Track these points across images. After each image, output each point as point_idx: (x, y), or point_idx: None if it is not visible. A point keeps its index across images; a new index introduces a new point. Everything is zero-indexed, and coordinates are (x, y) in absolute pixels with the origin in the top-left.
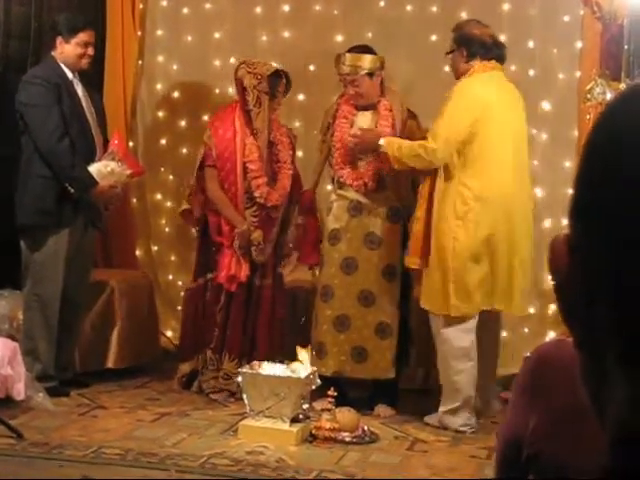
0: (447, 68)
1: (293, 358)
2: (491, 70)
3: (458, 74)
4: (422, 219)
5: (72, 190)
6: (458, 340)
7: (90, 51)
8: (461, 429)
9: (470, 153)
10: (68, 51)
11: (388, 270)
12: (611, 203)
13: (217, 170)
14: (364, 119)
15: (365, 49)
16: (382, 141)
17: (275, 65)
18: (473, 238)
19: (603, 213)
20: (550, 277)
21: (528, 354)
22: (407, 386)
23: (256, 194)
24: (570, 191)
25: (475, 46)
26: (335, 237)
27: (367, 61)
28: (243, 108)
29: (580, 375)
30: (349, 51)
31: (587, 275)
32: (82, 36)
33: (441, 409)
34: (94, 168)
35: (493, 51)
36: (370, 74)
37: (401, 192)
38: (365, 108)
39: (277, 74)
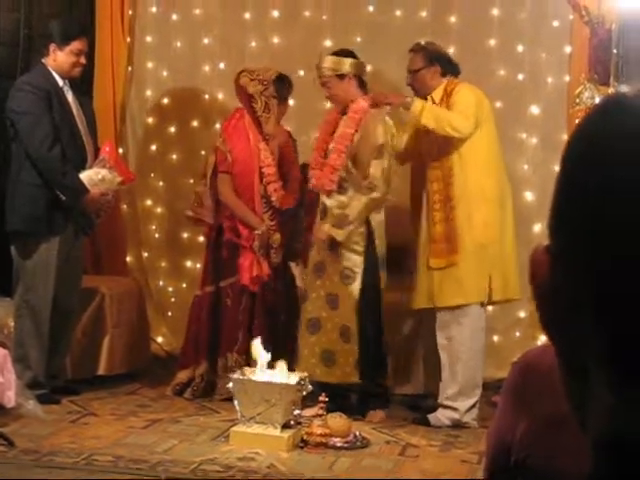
0: None
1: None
2: (468, 84)
3: (428, 90)
4: (442, 222)
5: (63, 198)
6: (481, 335)
7: (83, 60)
8: (473, 422)
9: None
10: (61, 59)
11: (345, 273)
12: (591, 214)
13: (232, 176)
14: (342, 123)
15: (346, 53)
16: (410, 99)
17: (276, 70)
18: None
19: (583, 224)
20: (531, 287)
21: (515, 360)
22: (398, 391)
23: (273, 198)
24: None
25: (446, 64)
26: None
27: (335, 63)
28: (251, 115)
29: (561, 382)
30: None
31: (568, 285)
32: (76, 44)
33: (459, 406)
34: (85, 175)
35: (457, 68)
36: (340, 76)
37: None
38: (344, 112)
39: (280, 78)
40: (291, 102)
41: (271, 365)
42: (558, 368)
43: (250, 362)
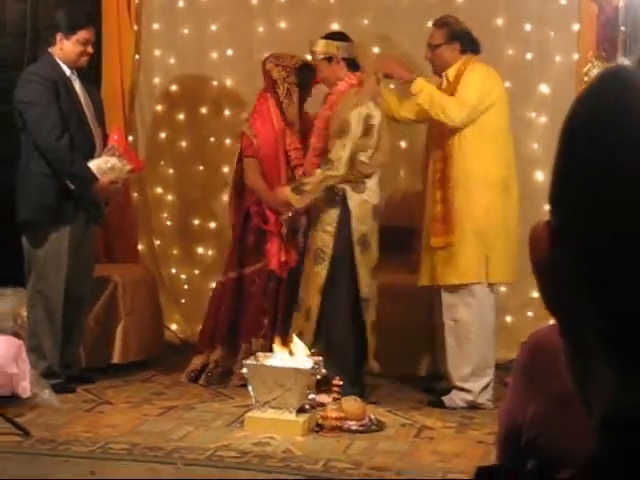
0: None
1: None
2: (483, 64)
3: (446, 66)
4: (441, 202)
5: (72, 187)
6: (491, 315)
7: (90, 49)
8: (488, 403)
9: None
10: (68, 48)
11: (317, 253)
12: (591, 190)
13: (258, 160)
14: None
15: (338, 36)
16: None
17: (303, 57)
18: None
19: (583, 199)
20: (531, 263)
21: (524, 340)
22: (412, 373)
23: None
24: None
25: (467, 42)
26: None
27: (320, 45)
28: (275, 99)
29: (565, 361)
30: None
31: (569, 262)
32: (83, 34)
33: (472, 387)
34: (94, 164)
35: (478, 46)
36: (328, 59)
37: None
38: None
39: (305, 66)
40: None
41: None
42: (562, 346)
43: (273, 347)
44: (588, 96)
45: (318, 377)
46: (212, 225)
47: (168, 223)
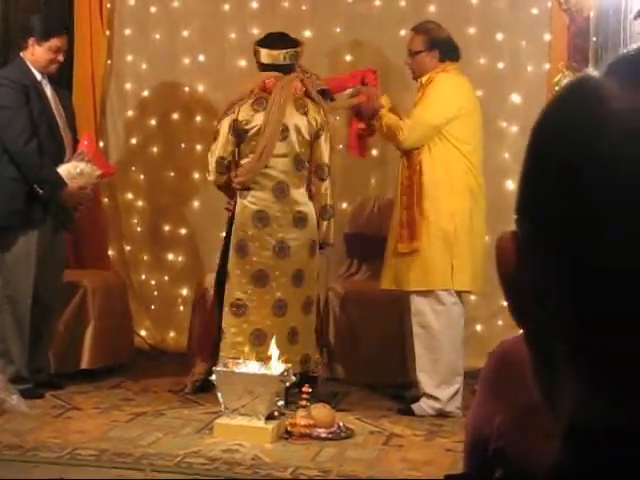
0: None
1: None
2: (458, 71)
3: (423, 74)
4: (408, 207)
5: (41, 191)
6: (460, 323)
7: (60, 57)
8: (457, 411)
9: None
10: (39, 54)
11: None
12: (556, 203)
13: None
14: None
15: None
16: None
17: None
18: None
19: (550, 211)
20: (498, 275)
21: (491, 350)
22: (382, 380)
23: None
24: None
25: (446, 49)
26: (261, 219)
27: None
28: None
29: (531, 371)
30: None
31: (537, 272)
32: (55, 41)
33: (441, 395)
34: (63, 169)
35: (457, 52)
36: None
37: None
38: None
39: None
40: None
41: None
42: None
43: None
44: (555, 106)
45: (287, 384)
46: (183, 231)
47: (138, 229)
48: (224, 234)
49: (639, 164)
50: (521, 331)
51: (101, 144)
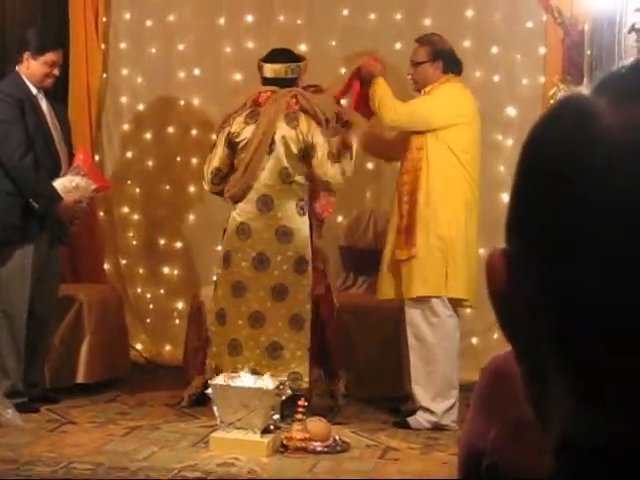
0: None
1: None
2: (462, 84)
3: (426, 85)
4: (406, 214)
5: (37, 206)
6: (455, 335)
7: (56, 72)
8: (453, 424)
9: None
10: (34, 68)
11: (300, 261)
12: (548, 218)
13: None
14: None
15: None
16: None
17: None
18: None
19: (540, 231)
20: (488, 292)
21: (484, 365)
22: (380, 394)
23: (314, 203)
24: None
25: (449, 62)
26: (244, 231)
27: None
28: None
29: (522, 387)
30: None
31: (527, 290)
32: (50, 55)
33: (436, 409)
34: (59, 183)
35: (460, 65)
36: None
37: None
38: None
39: None
40: None
41: None
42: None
43: None
44: (545, 122)
45: (283, 398)
46: (178, 244)
47: (134, 242)
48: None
49: (630, 180)
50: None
51: (97, 158)
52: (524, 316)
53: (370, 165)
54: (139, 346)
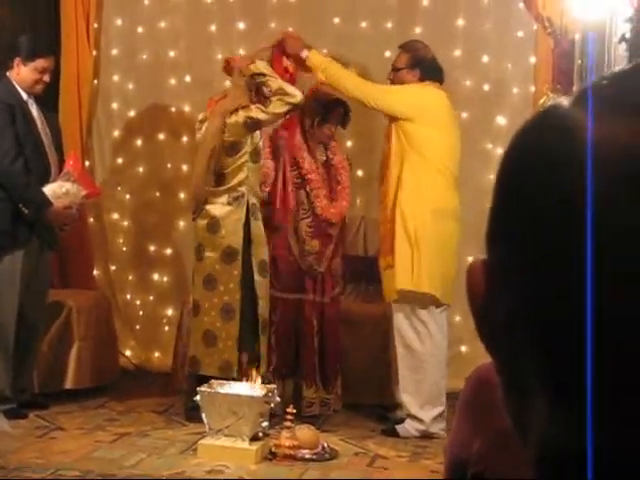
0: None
1: None
2: (434, 87)
3: None
4: (385, 222)
5: (26, 211)
6: (443, 343)
7: (46, 78)
8: (441, 432)
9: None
10: (24, 74)
11: (228, 251)
12: (524, 231)
13: None
14: None
15: None
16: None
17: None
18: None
19: (519, 243)
20: (468, 302)
21: (468, 375)
22: (369, 402)
23: (316, 203)
24: None
25: (428, 70)
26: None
27: None
28: (302, 128)
29: (502, 398)
30: None
31: (506, 301)
32: (41, 62)
33: (424, 417)
34: (49, 189)
35: (440, 74)
36: None
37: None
38: None
39: (336, 102)
40: None
41: None
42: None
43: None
44: (524, 134)
45: (272, 405)
46: (168, 251)
47: (124, 249)
48: None
49: (607, 194)
50: None
51: (87, 164)
52: (503, 327)
53: (360, 172)
54: (128, 352)
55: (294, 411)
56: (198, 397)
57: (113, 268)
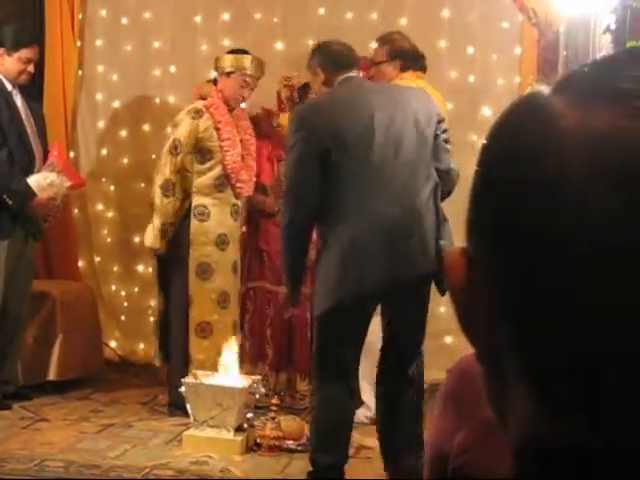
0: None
1: None
2: (417, 78)
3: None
4: None
5: (10, 202)
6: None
7: (31, 68)
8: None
9: None
10: (8, 64)
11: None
12: (502, 220)
13: None
14: None
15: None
16: None
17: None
18: None
19: (496, 233)
20: (448, 292)
21: (450, 367)
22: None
23: None
24: None
25: (409, 59)
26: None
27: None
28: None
29: (484, 388)
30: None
31: (487, 290)
32: (25, 52)
33: (370, 403)
34: (33, 180)
35: (421, 62)
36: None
37: None
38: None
39: (307, 85)
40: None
41: None
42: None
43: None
44: (503, 122)
45: (257, 396)
46: None
47: (109, 240)
48: None
49: (585, 183)
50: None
51: (71, 155)
52: (483, 318)
53: None
54: (113, 344)
55: (278, 402)
56: (183, 388)
57: (98, 259)
